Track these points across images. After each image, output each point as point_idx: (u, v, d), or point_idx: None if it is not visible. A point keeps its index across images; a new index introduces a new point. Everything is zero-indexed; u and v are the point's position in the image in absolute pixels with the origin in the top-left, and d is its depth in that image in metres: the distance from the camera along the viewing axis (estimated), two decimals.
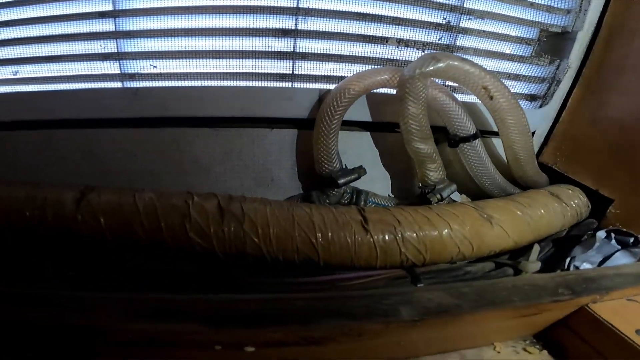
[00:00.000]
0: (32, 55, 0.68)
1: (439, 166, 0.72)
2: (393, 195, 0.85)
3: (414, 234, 0.58)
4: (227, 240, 0.53)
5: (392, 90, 0.70)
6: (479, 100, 0.70)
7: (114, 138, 0.67)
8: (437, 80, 0.73)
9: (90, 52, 0.67)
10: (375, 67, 0.74)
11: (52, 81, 0.69)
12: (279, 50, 0.70)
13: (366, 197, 0.75)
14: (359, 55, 0.74)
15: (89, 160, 0.67)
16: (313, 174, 0.73)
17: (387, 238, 0.57)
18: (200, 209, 0.53)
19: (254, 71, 0.71)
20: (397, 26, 0.73)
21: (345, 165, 0.74)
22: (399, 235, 0.57)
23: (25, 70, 0.70)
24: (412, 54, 0.76)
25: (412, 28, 0.74)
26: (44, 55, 0.67)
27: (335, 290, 0.55)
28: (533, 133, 0.85)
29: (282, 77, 0.72)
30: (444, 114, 0.72)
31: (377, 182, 0.82)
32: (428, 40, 0.75)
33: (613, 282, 0.55)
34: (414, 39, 0.75)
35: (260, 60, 0.70)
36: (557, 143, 0.83)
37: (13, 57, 0.69)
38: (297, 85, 0.73)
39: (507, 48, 0.80)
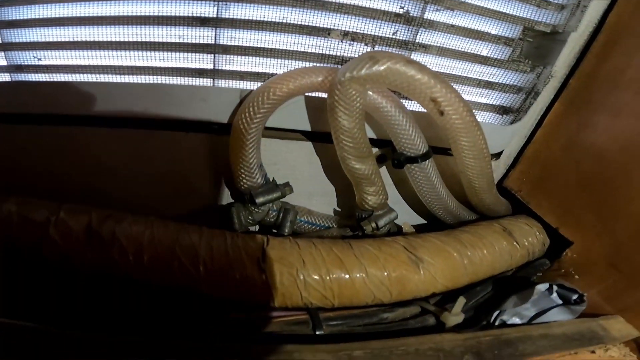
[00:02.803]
0: None
1: (379, 189, 0.62)
2: (339, 211, 0.76)
3: (319, 278, 0.50)
4: (92, 264, 0.47)
5: None
6: None
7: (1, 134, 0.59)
8: None
9: None
10: (312, 64, 0.62)
11: None
12: (197, 42, 0.58)
13: (294, 215, 0.66)
14: (296, 50, 0.62)
15: None
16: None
17: (285, 281, 0.49)
18: (63, 228, 0.47)
19: (166, 65, 0.60)
20: (342, 15, 0.60)
21: (273, 179, 0.64)
22: (301, 278, 0.50)
23: None
24: (360, 50, 0.63)
25: (361, 18, 0.61)
26: None
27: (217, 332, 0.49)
28: (500, 153, 0.73)
29: (200, 72, 0.61)
30: (389, 128, 0.60)
31: (316, 197, 0.72)
32: (380, 34, 0.62)
33: (535, 346, 0.48)
34: (362, 31, 0.62)
35: (173, 53, 0.59)
36: (525, 167, 0.71)
37: None
38: (219, 82, 0.62)
39: (481, 48, 0.66)
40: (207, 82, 0.62)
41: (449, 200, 0.67)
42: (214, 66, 0.62)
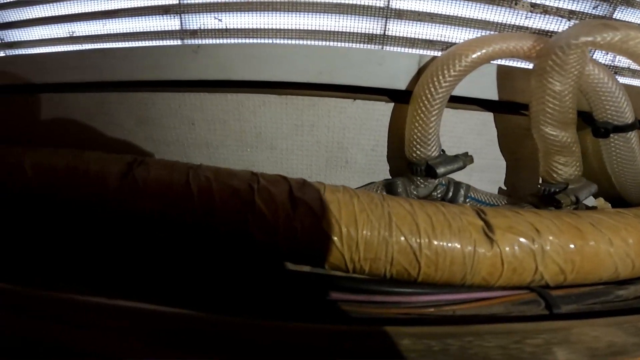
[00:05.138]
0: (87, 11, 0.60)
1: (575, 160, 0.55)
2: (503, 189, 0.68)
3: (560, 248, 0.42)
4: (297, 238, 0.40)
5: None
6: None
7: (171, 103, 0.57)
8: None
9: (149, 5, 0.57)
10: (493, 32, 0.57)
11: (106, 40, 0.61)
12: (369, 4, 0.55)
13: (466, 191, 0.59)
14: (473, 17, 0.57)
15: (142, 126, 0.58)
16: (398, 158, 0.59)
17: (519, 252, 0.41)
18: (267, 196, 0.41)
19: (335, 30, 0.57)
20: None
21: (443, 150, 0.58)
22: (538, 249, 0.41)
23: (81, 30, 0.62)
24: (547, 25, 0.57)
25: None
26: (99, 10, 0.59)
27: (445, 318, 0.41)
28: None
29: (370, 38, 0.57)
30: (596, 95, 0.53)
31: (476, 173, 0.65)
32: (576, 9, 0.56)
33: None
34: (556, 5, 0.56)
35: (344, 16, 0.56)
36: None
37: (67, 13, 0.61)
38: (388, 49, 0.58)
39: None
40: (376, 47, 0.58)
41: None
42: (384, 32, 0.58)
